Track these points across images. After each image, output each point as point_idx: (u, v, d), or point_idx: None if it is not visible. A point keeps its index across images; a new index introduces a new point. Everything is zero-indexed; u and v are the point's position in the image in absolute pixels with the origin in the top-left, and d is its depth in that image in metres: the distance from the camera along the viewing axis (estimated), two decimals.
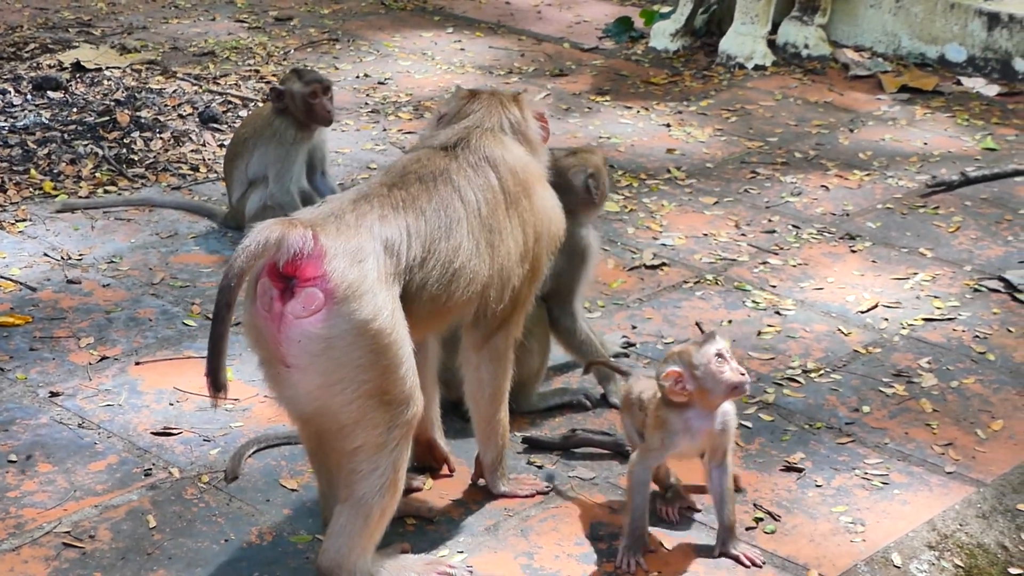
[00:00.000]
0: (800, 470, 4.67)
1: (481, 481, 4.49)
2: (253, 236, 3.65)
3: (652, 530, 4.26)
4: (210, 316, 5.48)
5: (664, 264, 6.26)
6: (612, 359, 5.16)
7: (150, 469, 4.55)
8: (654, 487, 4.33)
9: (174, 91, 8.21)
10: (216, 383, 3.65)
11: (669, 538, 4.29)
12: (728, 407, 4.14)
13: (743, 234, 6.63)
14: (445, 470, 4.60)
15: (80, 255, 6.15)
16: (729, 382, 4.01)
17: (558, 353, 5.12)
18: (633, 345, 5.50)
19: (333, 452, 3.95)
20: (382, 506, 3.89)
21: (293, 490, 4.47)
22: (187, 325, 5.53)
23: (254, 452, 4.65)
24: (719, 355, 4.02)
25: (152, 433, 4.76)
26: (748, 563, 4.17)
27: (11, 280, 5.84)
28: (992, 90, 8.85)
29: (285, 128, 6.30)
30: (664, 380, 4.05)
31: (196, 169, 7.20)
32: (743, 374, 4.02)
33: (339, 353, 3.71)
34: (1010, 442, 4.92)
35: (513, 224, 4.13)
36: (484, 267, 4.05)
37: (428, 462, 4.58)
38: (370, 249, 3.78)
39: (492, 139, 4.19)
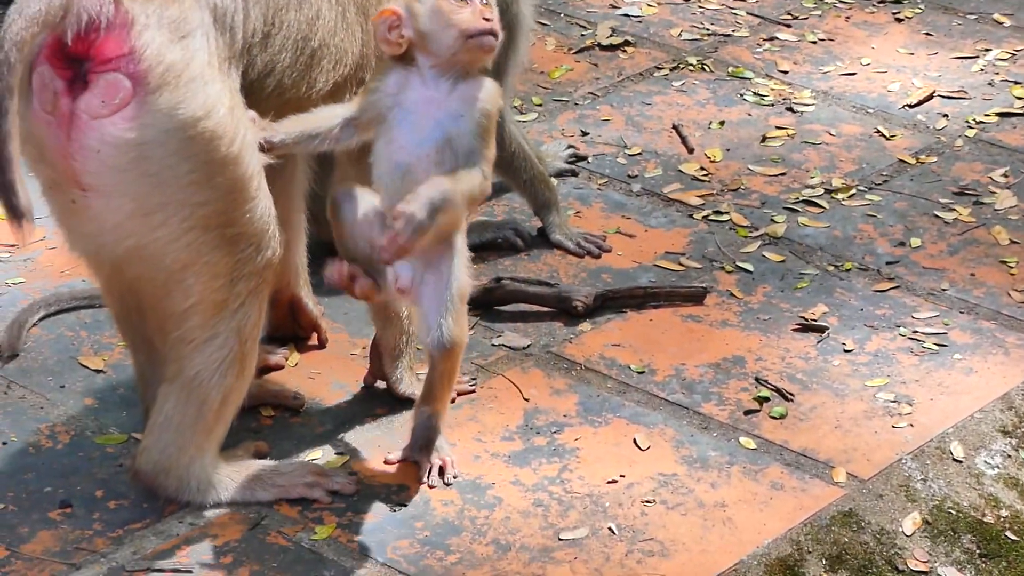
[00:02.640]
0: (822, 329, 4.70)
1: (380, 384, 4.46)
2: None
3: None
4: None
5: (627, 43, 6.26)
6: (552, 179, 5.20)
7: None
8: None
9: None
10: (15, 207, 3.52)
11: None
12: (488, 90, 3.92)
13: None
14: (315, 340, 4.60)
15: None
16: (461, 26, 3.82)
17: None
18: (583, 159, 5.51)
19: (154, 314, 3.90)
20: (223, 388, 3.87)
21: (98, 371, 4.45)
22: None
23: (41, 319, 4.64)
24: None
25: None
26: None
27: None
28: None
29: None
30: (375, 21, 3.90)
31: None
32: (488, 20, 3.84)
33: (158, 165, 3.63)
34: None
35: None
36: (355, 45, 4.00)
37: (291, 330, 4.57)
38: (197, 20, 3.70)
39: None
